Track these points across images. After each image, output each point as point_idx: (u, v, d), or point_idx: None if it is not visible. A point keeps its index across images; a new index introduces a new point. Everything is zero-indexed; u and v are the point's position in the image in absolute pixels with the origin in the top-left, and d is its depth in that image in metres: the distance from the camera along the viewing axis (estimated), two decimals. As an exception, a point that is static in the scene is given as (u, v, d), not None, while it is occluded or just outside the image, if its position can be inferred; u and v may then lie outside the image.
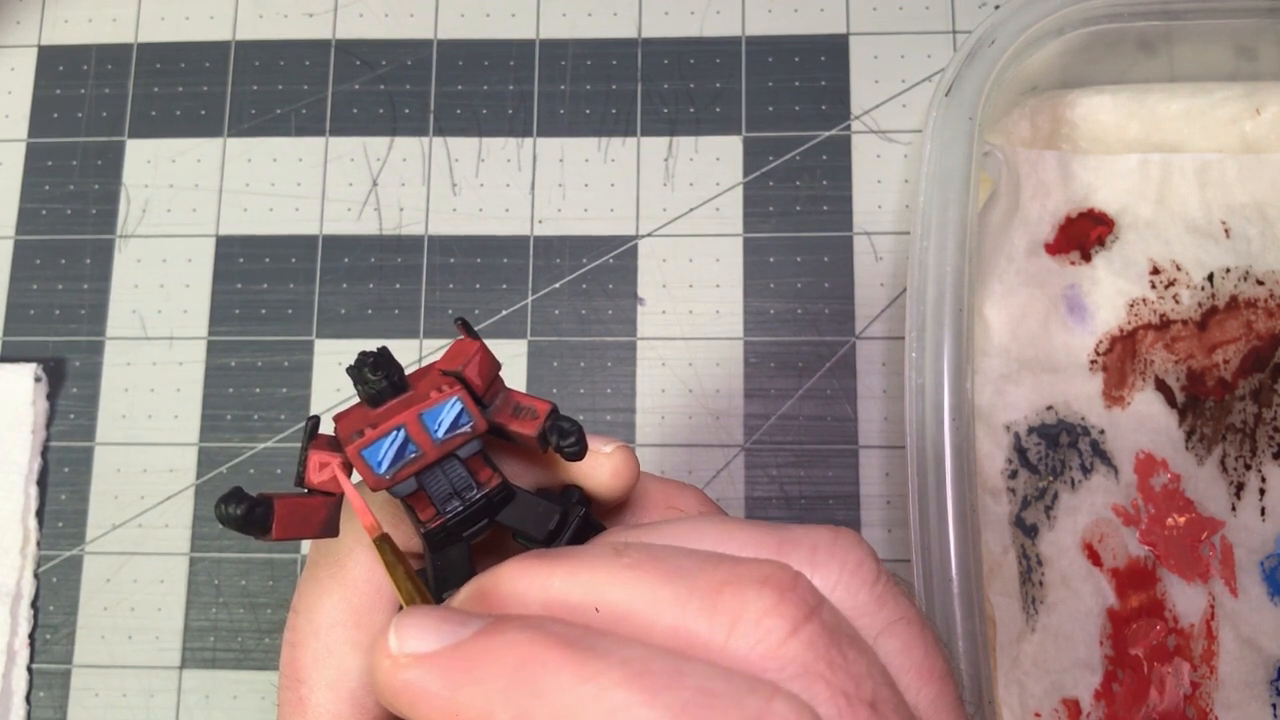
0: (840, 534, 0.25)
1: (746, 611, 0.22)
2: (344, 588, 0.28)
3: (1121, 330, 0.48)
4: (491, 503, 0.27)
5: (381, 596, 0.28)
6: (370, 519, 0.26)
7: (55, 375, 0.51)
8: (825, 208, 0.51)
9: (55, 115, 0.54)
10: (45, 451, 0.51)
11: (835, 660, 0.22)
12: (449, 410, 0.26)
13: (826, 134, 0.52)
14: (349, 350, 0.51)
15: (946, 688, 0.25)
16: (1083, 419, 0.48)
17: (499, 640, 0.22)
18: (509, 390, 0.28)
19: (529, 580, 0.24)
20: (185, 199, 0.53)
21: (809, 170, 0.52)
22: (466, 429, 0.26)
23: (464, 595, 0.25)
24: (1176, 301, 0.48)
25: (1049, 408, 0.48)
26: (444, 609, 0.24)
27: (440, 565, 0.27)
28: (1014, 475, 0.47)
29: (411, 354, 0.51)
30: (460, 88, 0.53)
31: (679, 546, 0.25)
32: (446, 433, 0.26)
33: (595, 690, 0.21)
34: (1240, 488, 0.47)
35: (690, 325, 0.50)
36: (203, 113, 0.54)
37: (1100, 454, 0.47)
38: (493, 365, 0.28)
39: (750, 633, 0.22)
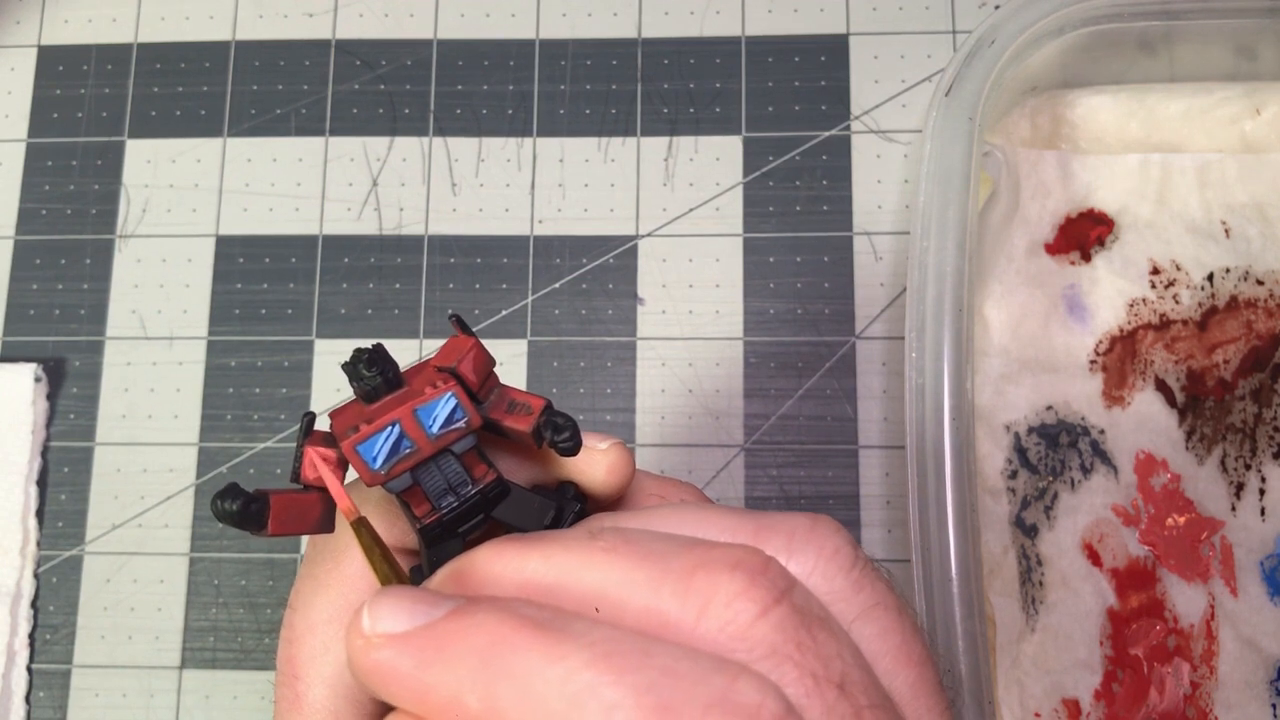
0: (818, 521, 0.26)
1: (717, 594, 0.23)
2: (340, 584, 0.29)
3: (1121, 330, 0.48)
4: (486, 498, 0.27)
5: None
6: (347, 502, 0.26)
7: (55, 375, 0.51)
8: (825, 208, 0.51)
9: (55, 115, 0.54)
10: (45, 451, 0.51)
11: (804, 642, 0.22)
12: (443, 406, 0.26)
13: (826, 134, 0.52)
14: (349, 350, 0.50)
15: (925, 672, 0.25)
16: (1083, 419, 0.47)
17: (469, 621, 0.22)
18: (504, 386, 0.28)
19: (504, 562, 0.24)
20: (185, 199, 0.53)
21: (809, 170, 0.52)
22: (461, 424, 0.26)
23: (441, 577, 0.26)
24: (1176, 301, 0.48)
25: (1049, 408, 0.48)
26: (418, 590, 0.24)
27: (436, 561, 0.27)
28: (1014, 475, 0.47)
29: (411, 354, 0.51)
30: (460, 88, 0.53)
31: (655, 531, 0.25)
32: (441, 428, 0.26)
33: (563, 671, 0.21)
34: (1240, 488, 0.46)
35: (690, 325, 0.50)
36: (203, 113, 0.54)
37: (1100, 454, 0.47)
38: (487, 361, 0.28)
39: (720, 614, 0.22)
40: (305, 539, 0.48)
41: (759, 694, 0.21)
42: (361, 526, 0.26)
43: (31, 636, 0.49)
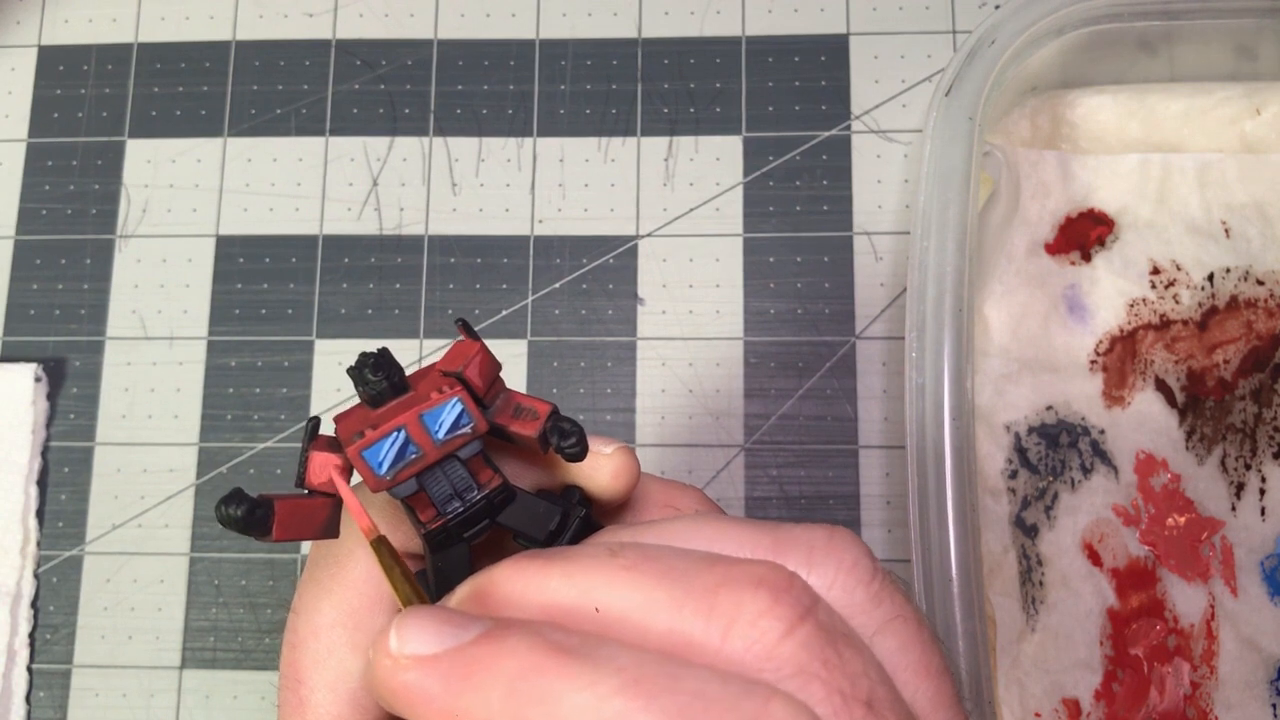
0: (836, 533, 0.25)
1: (742, 613, 0.22)
2: (344, 589, 0.29)
3: (1121, 330, 0.48)
4: (492, 503, 0.27)
5: (381, 598, 0.28)
6: (366, 521, 0.26)
7: (55, 375, 0.51)
8: (825, 208, 0.51)
9: (55, 115, 0.54)
10: (45, 451, 0.51)
11: (831, 660, 0.22)
12: (449, 411, 0.26)
13: (826, 134, 0.52)
14: (349, 350, 0.51)
15: (944, 685, 0.25)
16: (1083, 419, 0.48)
17: (500, 646, 0.22)
18: (509, 391, 0.28)
19: (525, 582, 0.24)
20: (185, 199, 0.53)
21: (809, 170, 0.52)
22: (467, 430, 0.26)
23: (461, 595, 0.25)
24: (1176, 301, 0.48)
25: (1049, 408, 0.48)
26: (445, 611, 0.24)
27: (441, 566, 0.27)
28: (1014, 475, 0.47)
29: (412, 354, 0.51)
30: (460, 88, 0.53)
31: (674, 547, 0.25)
32: (447, 434, 0.26)
33: (593, 698, 0.21)
34: (1240, 488, 0.47)
35: (690, 325, 0.50)
36: (203, 113, 0.54)
37: (1100, 454, 0.47)
38: (493, 366, 0.28)
39: (746, 634, 0.22)
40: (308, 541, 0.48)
41: (791, 716, 0.21)
42: (381, 546, 0.25)
43: (31, 636, 0.49)
